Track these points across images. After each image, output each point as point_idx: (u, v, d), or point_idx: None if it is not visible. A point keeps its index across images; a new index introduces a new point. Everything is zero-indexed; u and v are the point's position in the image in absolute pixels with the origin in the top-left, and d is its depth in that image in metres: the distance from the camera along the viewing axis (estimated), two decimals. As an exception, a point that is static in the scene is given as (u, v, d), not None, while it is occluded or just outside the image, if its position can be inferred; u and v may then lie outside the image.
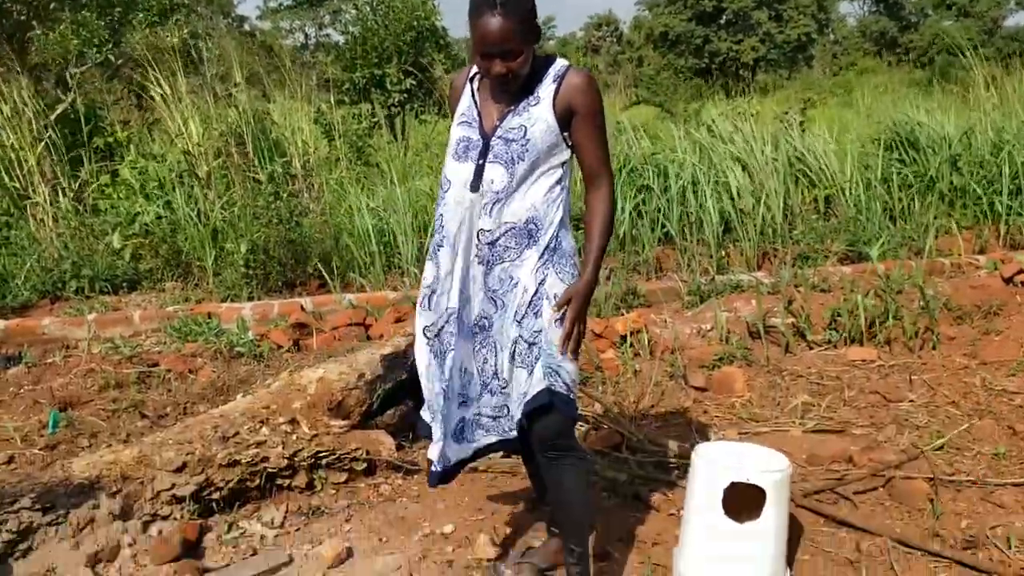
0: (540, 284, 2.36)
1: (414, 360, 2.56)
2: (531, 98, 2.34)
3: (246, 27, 35.26)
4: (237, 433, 3.24)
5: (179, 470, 3.07)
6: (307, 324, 5.23)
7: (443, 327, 2.45)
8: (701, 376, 4.50)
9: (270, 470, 3.19)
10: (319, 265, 6.38)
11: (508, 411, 2.47)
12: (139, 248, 6.90)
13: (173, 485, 3.04)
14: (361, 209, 6.81)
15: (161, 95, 7.40)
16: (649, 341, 4.92)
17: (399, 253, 6.67)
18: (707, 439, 3.78)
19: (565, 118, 2.34)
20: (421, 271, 6.23)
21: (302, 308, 5.54)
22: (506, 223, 2.35)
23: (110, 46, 8.60)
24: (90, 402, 4.49)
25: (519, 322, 2.36)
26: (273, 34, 34.66)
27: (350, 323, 5.17)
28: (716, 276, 6.01)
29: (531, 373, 2.35)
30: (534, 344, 2.35)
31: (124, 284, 6.71)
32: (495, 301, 2.40)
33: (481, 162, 2.35)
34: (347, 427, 3.42)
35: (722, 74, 32.30)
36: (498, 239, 2.36)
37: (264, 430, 3.27)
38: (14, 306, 6.25)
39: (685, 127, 8.53)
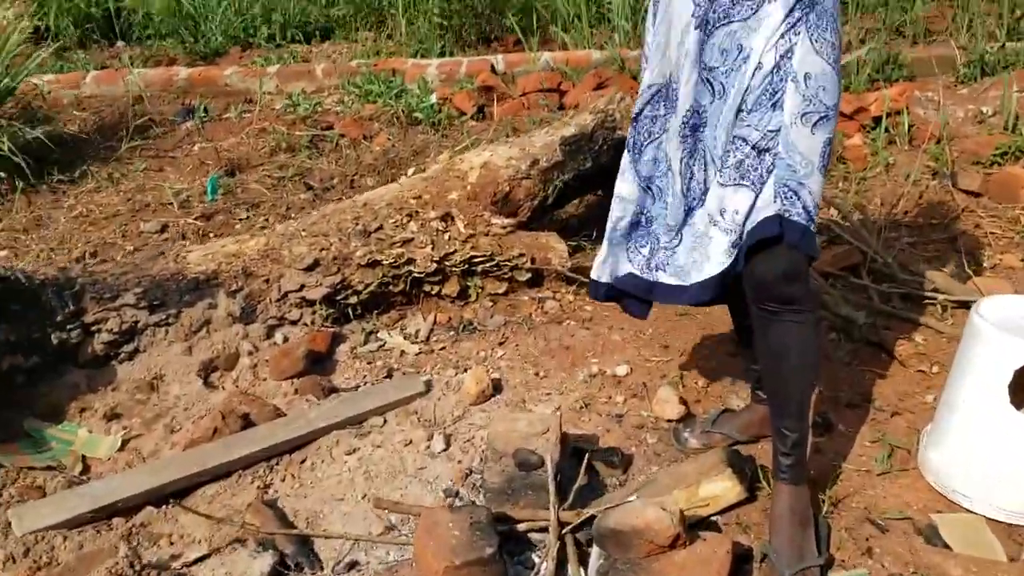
0: (784, 58, 1.53)
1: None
2: None
3: None
4: (380, 227, 2.69)
5: (311, 268, 2.59)
6: (494, 87, 4.54)
7: (642, 110, 1.78)
8: (976, 176, 3.50)
9: (416, 274, 2.65)
10: (514, 19, 5.57)
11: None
12: (330, -9, 6.41)
13: (302, 286, 2.57)
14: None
15: None
16: (910, 127, 3.89)
17: (611, 1, 5.69)
18: (979, 264, 2.89)
19: None
20: (634, 25, 5.40)
21: (492, 69, 4.85)
22: None
23: None
24: (258, 166, 4.16)
25: (743, 116, 1.57)
26: None
27: (541, 88, 4.43)
28: (1006, 42, 4.69)
29: (759, 193, 1.58)
30: (766, 151, 1.56)
31: (316, 32, 6.40)
32: (711, 85, 1.61)
33: None
34: (512, 226, 2.78)
35: None
36: None
37: (412, 226, 2.70)
38: (205, 53, 6.00)
39: None
